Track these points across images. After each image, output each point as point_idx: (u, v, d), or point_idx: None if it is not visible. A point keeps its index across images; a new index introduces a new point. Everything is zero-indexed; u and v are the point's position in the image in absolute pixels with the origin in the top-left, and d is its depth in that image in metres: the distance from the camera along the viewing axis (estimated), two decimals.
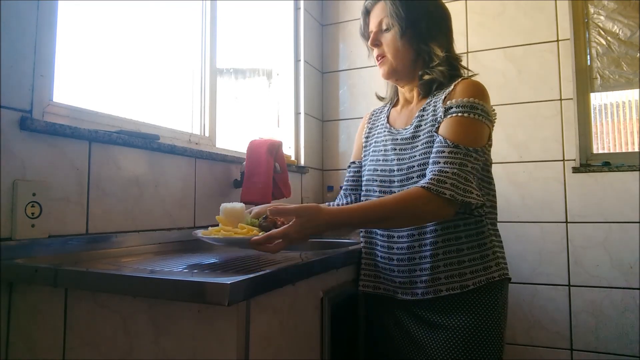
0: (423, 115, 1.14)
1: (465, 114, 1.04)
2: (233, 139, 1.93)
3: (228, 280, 0.72)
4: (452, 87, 1.11)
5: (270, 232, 0.92)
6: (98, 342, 0.86)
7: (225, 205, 1.06)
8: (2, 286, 0.95)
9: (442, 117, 1.07)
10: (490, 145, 1.12)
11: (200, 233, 1.03)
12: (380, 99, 1.38)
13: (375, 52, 1.21)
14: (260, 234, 0.96)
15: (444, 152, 1.02)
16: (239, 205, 1.06)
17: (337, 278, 1.14)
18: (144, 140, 1.30)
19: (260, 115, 2.27)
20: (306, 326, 0.99)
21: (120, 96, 1.46)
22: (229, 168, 1.69)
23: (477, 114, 1.04)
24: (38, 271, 0.89)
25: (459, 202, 0.98)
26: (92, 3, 1.38)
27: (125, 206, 1.25)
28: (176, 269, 0.92)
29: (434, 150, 1.04)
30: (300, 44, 2.38)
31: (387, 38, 1.17)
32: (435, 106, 1.11)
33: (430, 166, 1.03)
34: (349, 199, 1.34)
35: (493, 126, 1.10)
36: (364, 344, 1.25)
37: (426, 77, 1.15)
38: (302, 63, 2.37)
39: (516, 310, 2.04)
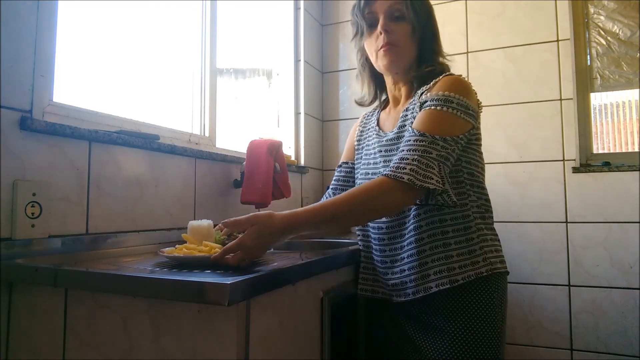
0: (407, 115, 1.13)
1: (438, 107, 1.02)
2: (233, 139, 1.93)
3: (228, 280, 0.72)
4: (431, 83, 1.09)
5: (226, 245, 0.89)
6: (98, 342, 0.86)
7: (192, 223, 1.06)
8: (2, 286, 0.95)
9: (418, 111, 1.06)
10: (478, 139, 1.10)
11: (165, 250, 1.01)
12: (360, 104, 1.33)
13: (385, 38, 1.13)
14: None
15: (409, 141, 1.01)
16: (206, 222, 1.06)
17: (337, 278, 1.14)
18: (144, 140, 1.30)
19: (260, 115, 2.27)
20: (306, 326, 0.99)
21: (120, 96, 1.46)
22: (229, 168, 1.69)
23: (451, 107, 1.02)
24: (38, 271, 0.89)
25: (417, 187, 0.95)
26: (92, 3, 1.38)
27: (125, 206, 1.25)
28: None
29: (403, 141, 1.04)
30: (300, 44, 2.38)
31: (402, 28, 1.13)
32: (415, 105, 1.11)
33: (398, 153, 1.02)
34: None
35: (477, 120, 1.07)
36: (364, 344, 1.25)
37: (426, 68, 1.13)
38: (302, 63, 2.36)
39: (516, 310, 2.04)
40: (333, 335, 1.08)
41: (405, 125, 1.12)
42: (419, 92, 1.11)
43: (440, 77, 1.09)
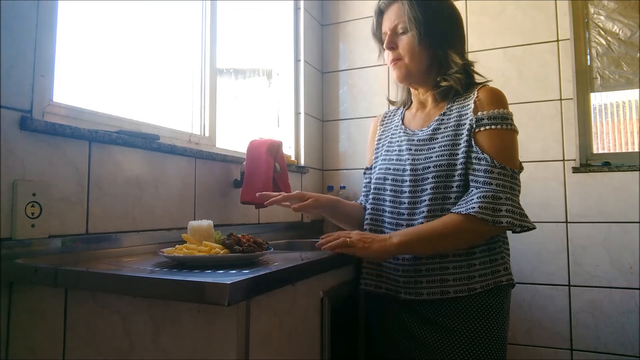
0: (443, 120, 1.15)
1: (499, 126, 1.07)
2: (233, 139, 1.93)
3: (228, 280, 0.72)
4: (475, 94, 1.12)
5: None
6: (98, 342, 0.86)
7: (192, 223, 1.07)
8: (2, 286, 0.95)
9: (475, 127, 1.08)
10: None
11: (165, 250, 1.02)
12: (392, 102, 1.38)
13: (391, 55, 1.19)
14: (223, 251, 0.96)
15: (492, 172, 1.04)
16: (206, 222, 1.06)
17: (337, 278, 1.14)
18: (144, 140, 1.30)
19: (260, 115, 2.27)
20: (306, 326, 0.99)
21: (120, 96, 1.46)
22: (229, 168, 1.69)
23: (507, 124, 1.08)
24: (38, 271, 0.89)
25: (517, 227, 1.01)
26: (92, 3, 1.38)
27: (125, 206, 1.25)
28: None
29: (481, 168, 1.05)
30: (300, 44, 2.38)
31: (404, 41, 1.16)
32: (459, 113, 1.12)
33: (482, 185, 1.04)
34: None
35: None
36: (364, 344, 1.25)
37: (444, 83, 1.16)
38: (302, 63, 2.36)
39: (516, 310, 2.03)
40: (333, 335, 1.08)
41: (440, 129, 1.14)
42: (467, 103, 1.13)
43: (479, 87, 1.14)
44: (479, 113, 1.09)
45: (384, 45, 1.20)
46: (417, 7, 1.13)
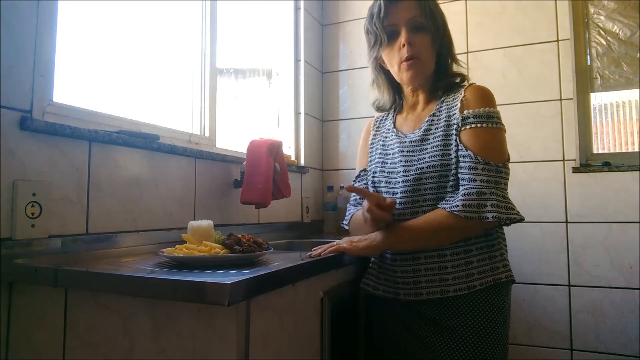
0: (433, 120, 1.15)
1: (484, 124, 1.06)
2: (233, 139, 1.93)
3: (228, 280, 0.72)
4: (462, 94, 1.12)
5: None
6: (98, 342, 0.86)
7: (192, 223, 1.07)
8: (2, 286, 0.95)
9: (460, 126, 1.08)
10: None
11: (165, 250, 1.02)
12: (380, 109, 1.34)
13: (408, 51, 1.12)
14: (223, 251, 0.96)
15: (476, 168, 1.03)
16: (206, 222, 1.07)
17: (337, 278, 1.14)
18: (144, 140, 1.30)
19: (260, 115, 2.27)
20: (306, 326, 0.99)
21: (120, 96, 1.46)
22: (229, 168, 1.69)
23: (493, 123, 1.07)
24: (38, 271, 0.89)
25: (503, 221, 1.00)
26: (92, 3, 1.38)
27: (125, 206, 1.25)
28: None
29: (465, 165, 1.05)
30: (300, 44, 2.38)
31: (422, 40, 1.13)
32: (448, 113, 1.12)
33: (466, 182, 1.04)
34: None
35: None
36: (364, 343, 1.25)
37: (447, 79, 1.17)
38: (302, 63, 2.36)
39: (516, 310, 2.03)
40: (333, 335, 1.08)
41: (431, 130, 1.14)
42: (455, 103, 1.12)
43: (466, 86, 1.13)
44: (465, 112, 1.09)
45: (404, 40, 1.11)
46: (433, 6, 1.15)
